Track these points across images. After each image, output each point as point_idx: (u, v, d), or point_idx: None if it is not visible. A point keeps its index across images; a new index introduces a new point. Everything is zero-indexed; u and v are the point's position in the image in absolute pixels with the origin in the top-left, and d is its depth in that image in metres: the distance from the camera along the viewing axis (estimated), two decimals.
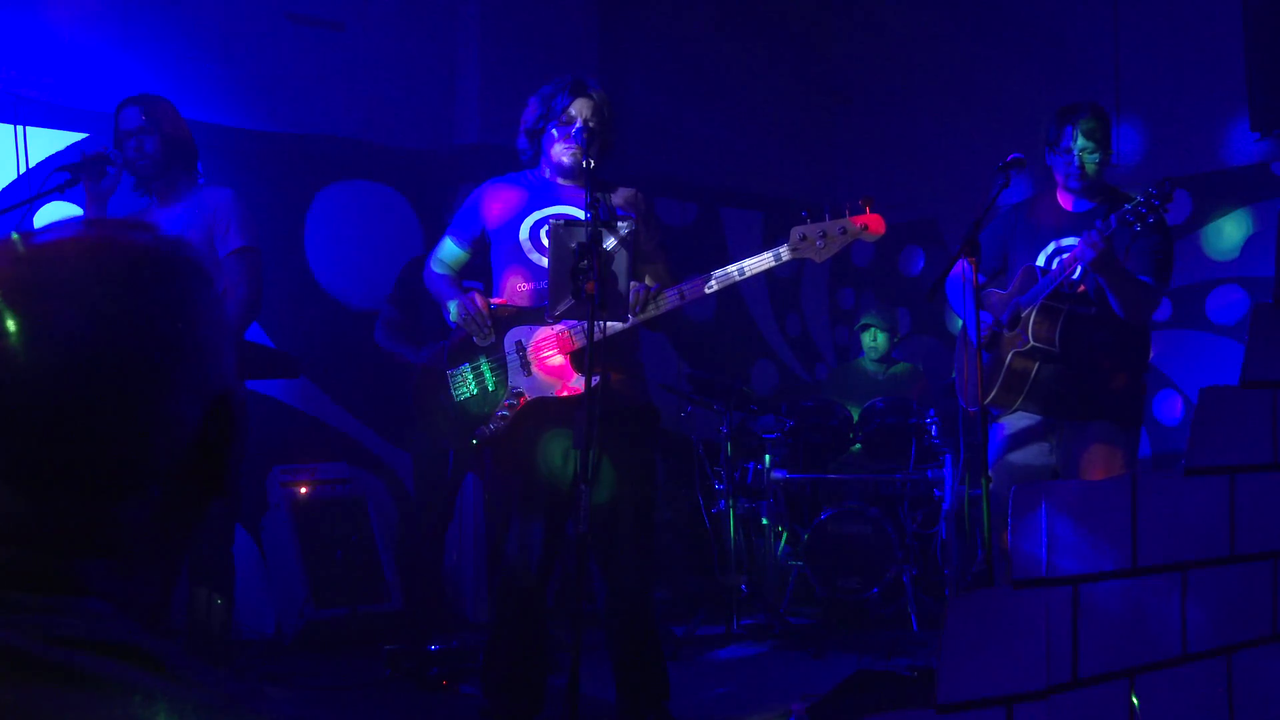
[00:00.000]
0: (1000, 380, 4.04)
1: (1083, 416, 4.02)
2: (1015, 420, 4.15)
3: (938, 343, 7.34)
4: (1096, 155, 4.02)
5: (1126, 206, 3.75)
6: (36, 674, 0.69)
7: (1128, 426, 4.04)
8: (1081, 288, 3.97)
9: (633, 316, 3.51)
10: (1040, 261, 4.08)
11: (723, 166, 7.38)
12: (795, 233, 3.48)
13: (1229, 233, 6.08)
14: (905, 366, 6.66)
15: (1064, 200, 4.14)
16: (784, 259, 3.50)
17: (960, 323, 4.42)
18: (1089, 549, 1.78)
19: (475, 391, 3.67)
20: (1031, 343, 3.96)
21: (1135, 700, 1.82)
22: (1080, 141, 4.00)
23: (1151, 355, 4.21)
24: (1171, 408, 6.24)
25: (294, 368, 4.47)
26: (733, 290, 7.64)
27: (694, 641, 5.32)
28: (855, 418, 6.13)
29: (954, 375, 4.58)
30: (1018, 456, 4.14)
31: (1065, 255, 3.96)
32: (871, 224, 3.45)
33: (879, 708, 3.87)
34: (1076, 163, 4.00)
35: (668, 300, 3.54)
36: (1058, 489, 1.78)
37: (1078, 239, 3.95)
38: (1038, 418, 4.10)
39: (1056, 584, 1.73)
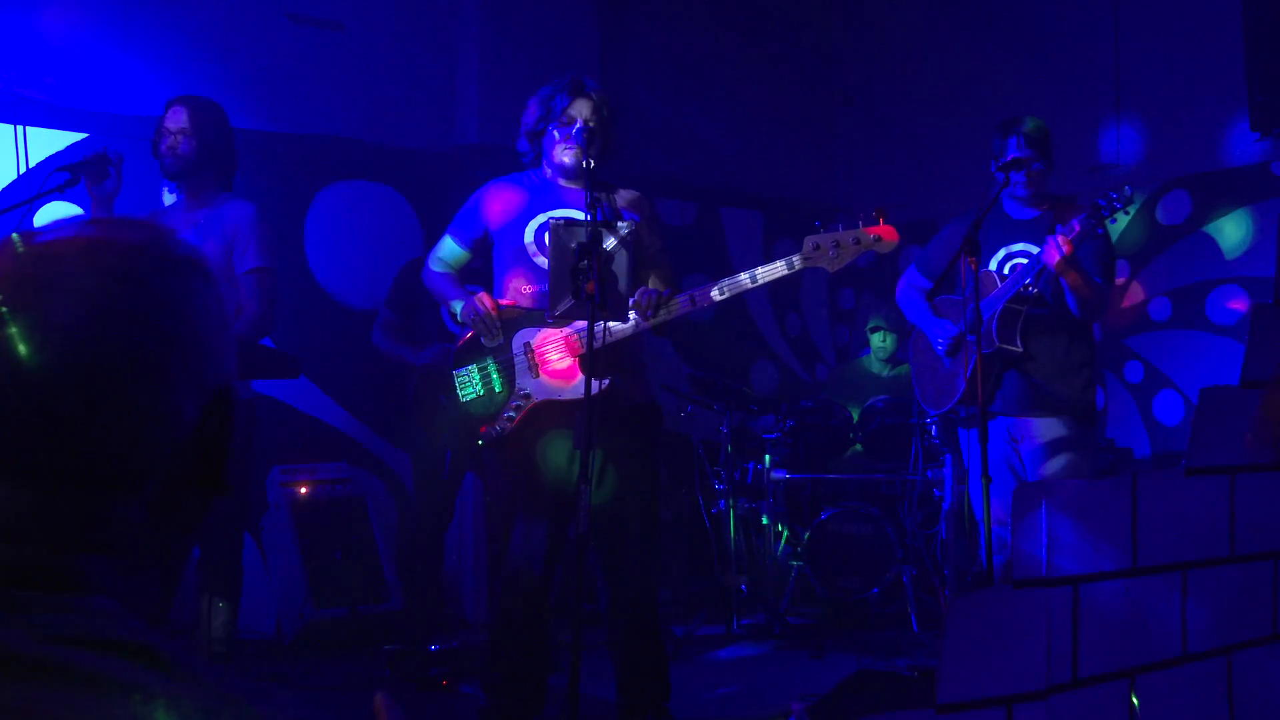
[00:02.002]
0: (967, 385, 4.17)
1: (1044, 414, 4.17)
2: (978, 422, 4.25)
3: None
4: (1039, 165, 4.19)
5: (1086, 212, 3.91)
6: (36, 675, 0.69)
7: (1086, 423, 4.22)
8: (1035, 291, 4.13)
9: (644, 320, 3.51)
10: (992, 268, 4.24)
11: (723, 166, 7.38)
12: (808, 242, 3.49)
13: (1229, 233, 6.08)
14: (910, 369, 6.65)
15: (1009, 208, 4.31)
16: (796, 268, 3.51)
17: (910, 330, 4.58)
18: (1089, 549, 1.78)
19: (481, 392, 3.67)
20: (996, 344, 4.10)
21: (1135, 700, 1.82)
22: (1024, 152, 4.16)
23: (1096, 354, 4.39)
24: (1171, 408, 6.24)
25: (294, 368, 4.46)
26: None
27: (694, 641, 5.32)
28: (855, 418, 6.13)
29: (912, 380, 4.73)
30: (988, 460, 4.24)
31: (1021, 260, 4.16)
32: (885, 235, 3.46)
33: (879, 708, 3.87)
34: (1022, 171, 4.15)
35: (679, 306, 3.55)
36: (1058, 489, 1.78)
37: (1027, 244, 4.16)
38: (1000, 419, 4.24)
39: (1056, 584, 1.73)
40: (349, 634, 5.12)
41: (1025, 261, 4.11)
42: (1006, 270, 4.19)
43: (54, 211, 4.94)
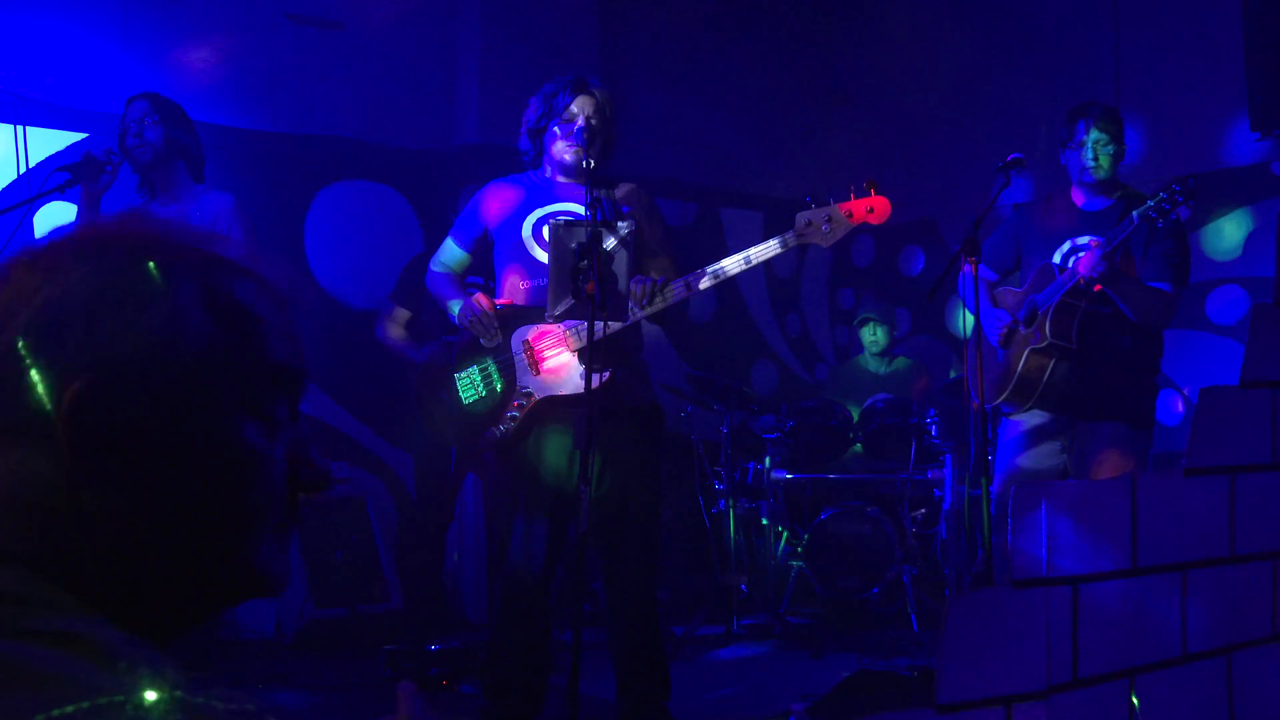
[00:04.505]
0: (1015, 379, 4.04)
1: (1096, 417, 4.02)
2: (1027, 420, 4.15)
3: (938, 343, 7.34)
4: (1111, 149, 4.04)
5: (1150, 203, 3.76)
6: None
7: (1139, 429, 4.04)
8: (1098, 287, 3.95)
9: (640, 310, 3.49)
10: (1056, 260, 4.08)
11: (723, 166, 7.38)
12: (800, 218, 3.47)
13: (1229, 233, 6.08)
14: (907, 362, 6.66)
15: (1078, 198, 4.15)
16: (790, 245, 3.48)
17: (966, 317, 4.44)
18: (1089, 549, 1.78)
19: (484, 393, 3.66)
20: (1049, 339, 3.96)
21: (1135, 700, 1.82)
22: (1094, 134, 4.02)
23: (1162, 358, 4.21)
24: (1171, 408, 6.24)
25: None
26: (733, 290, 7.67)
27: (694, 641, 5.32)
28: (855, 418, 6.13)
29: (962, 373, 4.59)
30: (1028, 457, 4.14)
31: (1082, 254, 3.96)
32: (877, 205, 3.43)
33: (879, 708, 3.87)
34: (1091, 156, 4.02)
35: (674, 292, 3.52)
36: (1058, 489, 1.78)
37: (1095, 238, 3.95)
38: (1050, 417, 4.10)
39: (1056, 584, 1.73)
40: (349, 634, 5.12)
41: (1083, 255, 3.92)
42: (1070, 263, 4.01)
43: (53, 211, 4.94)
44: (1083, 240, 4.04)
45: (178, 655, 0.75)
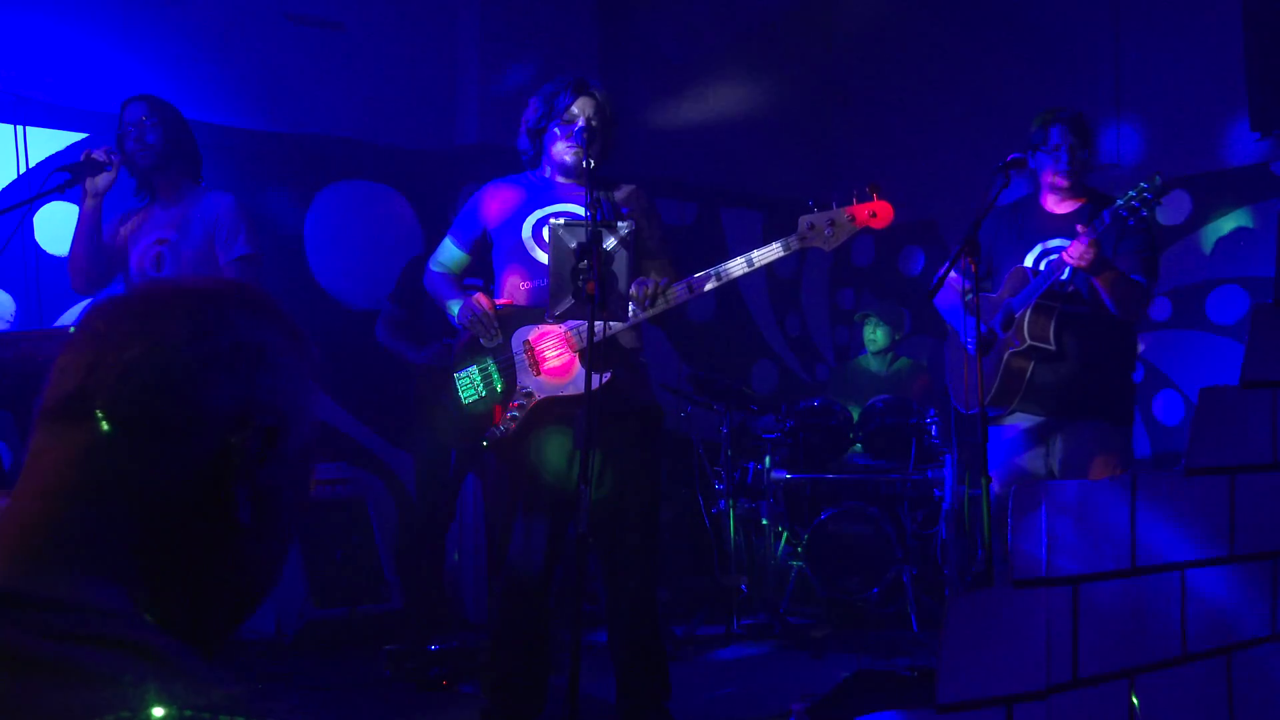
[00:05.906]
0: (997, 383, 4.08)
1: (1077, 416, 4.06)
2: (1011, 423, 4.18)
3: (938, 343, 7.33)
4: (1083, 154, 4.09)
5: (1119, 201, 3.82)
6: (32, 671, 0.69)
7: (1121, 425, 4.10)
8: (1073, 287, 4.01)
9: (642, 311, 3.50)
10: (1028, 263, 4.13)
11: (723, 166, 7.38)
12: (803, 222, 3.48)
13: (1229, 233, 6.08)
14: (908, 362, 6.66)
15: (1048, 202, 4.20)
16: (793, 248, 3.49)
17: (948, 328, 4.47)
18: (1089, 549, 1.78)
19: (484, 393, 3.66)
20: (1028, 342, 4.00)
21: (1135, 700, 1.82)
22: (1069, 140, 4.06)
23: (1140, 352, 4.25)
24: (1171, 408, 6.24)
25: None
26: (733, 290, 7.67)
27: (694, 641, 5.32)
28: (855, 418, 6.13)
29: (946, 380, 4.62)
30: (1014, 461, 4.16)
31: (1055, 256, 4.01)
32: (879, 210, 3.44)
33: (879, 708, 3.87)
34: (1066, 158, 4.05)
35: (676, 294, 3.53)
36: (1058, 489, 1.78)
37: (1065, 240, 4.00)
38: (1033, 420, 4.13)
39: (1056, 584, 1.73)
40: (349, 634, 5.12)
41: (1058, 257, 3.96)
42: (1042, 266, 4.05)
43: (53, 211, 4.94)
44: (1054, 244, 4.09)
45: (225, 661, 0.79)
